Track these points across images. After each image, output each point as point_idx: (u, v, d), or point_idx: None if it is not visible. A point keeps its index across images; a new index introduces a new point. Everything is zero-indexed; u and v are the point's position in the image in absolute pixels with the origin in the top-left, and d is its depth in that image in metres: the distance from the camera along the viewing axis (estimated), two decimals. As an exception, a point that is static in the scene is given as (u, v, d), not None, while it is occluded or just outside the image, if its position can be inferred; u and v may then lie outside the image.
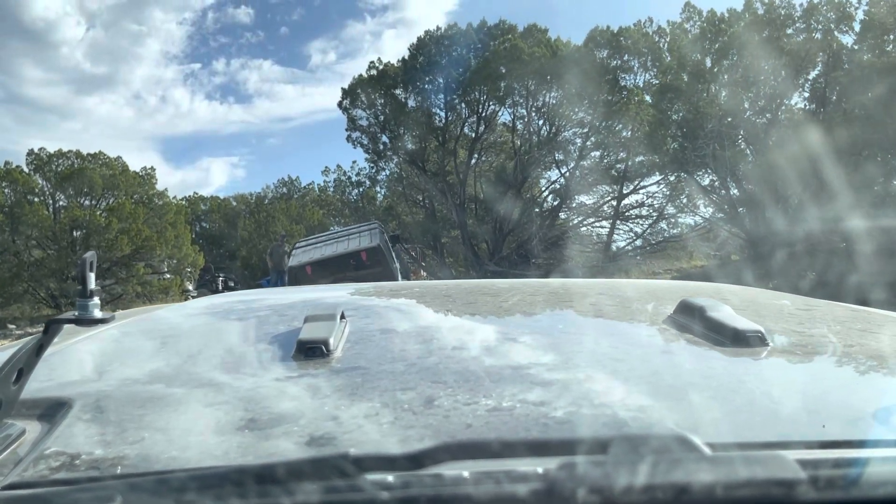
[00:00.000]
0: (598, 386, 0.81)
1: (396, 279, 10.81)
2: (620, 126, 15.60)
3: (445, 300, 1.43)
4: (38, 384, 0.83)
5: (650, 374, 0.86)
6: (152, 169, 22.41)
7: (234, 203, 40.03)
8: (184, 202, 39.30)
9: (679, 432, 0.53)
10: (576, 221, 17.87)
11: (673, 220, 16.52)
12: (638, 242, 15.94)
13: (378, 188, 22.17)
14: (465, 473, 0.49)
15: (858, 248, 9.11)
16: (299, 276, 10.98)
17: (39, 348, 0.74)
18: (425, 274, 21.75)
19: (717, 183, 12.40)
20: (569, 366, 0.90)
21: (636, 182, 16.68)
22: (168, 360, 1.01)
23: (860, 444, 0.66)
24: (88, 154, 21.70)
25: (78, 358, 1.06)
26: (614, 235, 16.73)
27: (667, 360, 0.93)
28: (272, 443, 0.66)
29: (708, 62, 12.41)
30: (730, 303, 1.14)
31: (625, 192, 16.82)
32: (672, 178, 15.21)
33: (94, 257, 0.80)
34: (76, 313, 0.76)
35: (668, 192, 16.12)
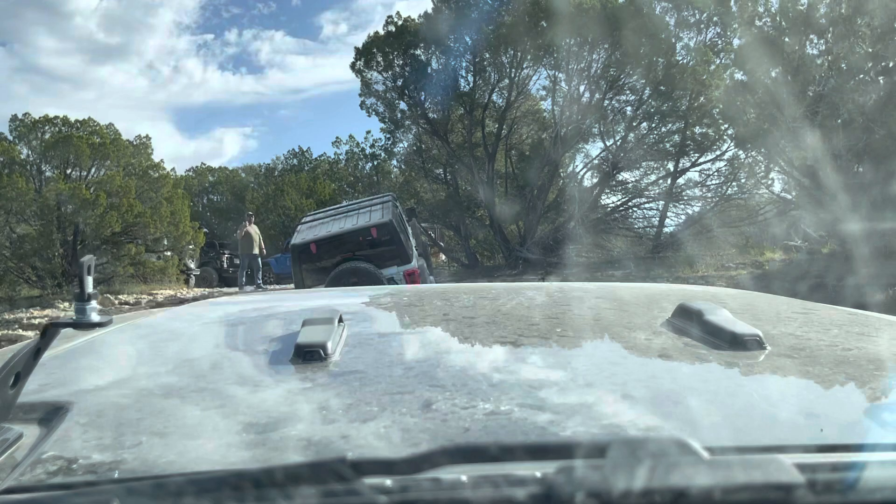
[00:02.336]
0: (596, 390, 0.81)
1: (410, 259, 9.77)
2: (681, 93, 13.31)
3: (443, 304, 1.40)
4: (36, 388, 0.83)
5: (648, 377, 0.87)
6: (147, 138, 20.44)
7: (243, 175, 38.85)
8: (191, 173, 38.30)
9: (677, 436, 0.54)
10: (622, 202, 15.66)
11: (742, 203, 14.29)
12: (696, 228, 13.70)
13: (394, 161, 20.03)
14: (464, 477, 0.49)
15: None
16: (303, 255, 10.03)
17: (37, 352, 0.73)
18: (444, 257, 19.91)
19: (810, 160, 10.24)
20: (567, 370, 0.90)
21: (695, 157, 14.45)
22: (165, 364, 1.02)
23: (858, 447, 0.66)
24: (77, 120, 19.68)
25: (75, 362, 1.05)
26: (667, 219, 14.51)
27: (665, 363, 0.92)
28: (270, 447, 0.66)
29: (816, 8, 10.17)
30: (727, 306, 1.14)
31: (681, 168, 14.58)
32: (748, 153, 12.96)
33: (91, 261, 0.78)
34: (74, 317, 0.75)
35: (735, 171, 13.88)
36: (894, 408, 0.78)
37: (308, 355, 0.92)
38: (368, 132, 21.12)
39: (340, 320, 1.09)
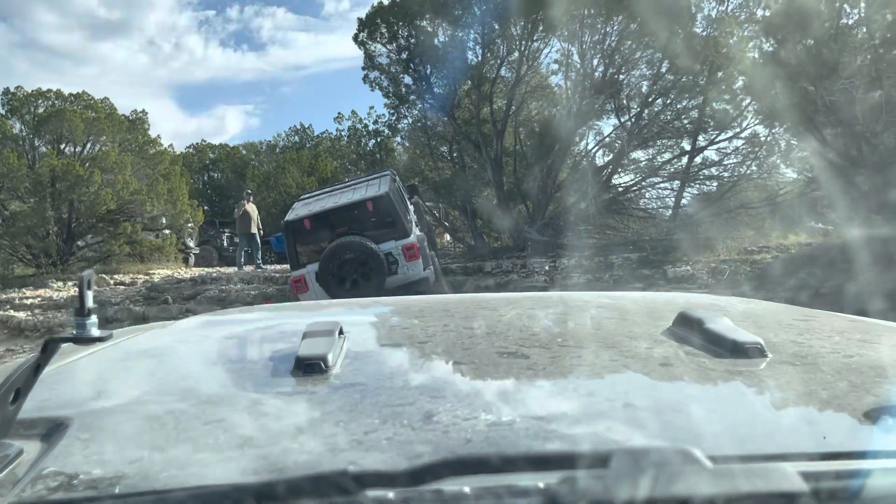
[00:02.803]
0: (598, 399, 0.81)
1: (408, 233, 9.37)
2: (700, 66, 12.64)
3: (443, 315, 1.40)
4: (36, 403, 0.82)
5: (650, 386, 0.86)
6: (144, 112, 19.80)
7: (244, 152, 38.48)
8: (191, 150, 37.79)
9: (680, 445, 0.54)
10: (635, 182, 15.03)
11: (761, 183, 13.67)
12: (713, 209, 13.10)
13: (398, 138, 19.40)
14: (466, 489, 0.49)
15: None
16: (297, 231, 9.71)
17: (37, 367, 0.73)
18: (450, 238, 19.37)
19: (843, 137, 9.62)
20: (568, 379, 0.91)
21: (714, 135, 13.80)
22: (166, 378, 1.03)
23: (861, 455, 0.65)
24: (70, 94, 19.06)
25: (76, 377, 1.05)
26: (683, 200, 13.89)
27: (666, 372, 0.92)
28: (271, 460, 0.65)
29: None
30: (728, 315, 1.14)
31: (698, 146, 13.94)
32: (772, 131, 12.32)
33: (91, 276, 0.77)
34: (74, 332, 0.76)
35: (756, 149, 13.25)
36: None
37: (309, 368, 0.92)
38: (371, 108, 20.50)
39: (341, 332, 1.09)
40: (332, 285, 8.89)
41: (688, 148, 14.51)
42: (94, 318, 0.77)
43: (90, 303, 0.77)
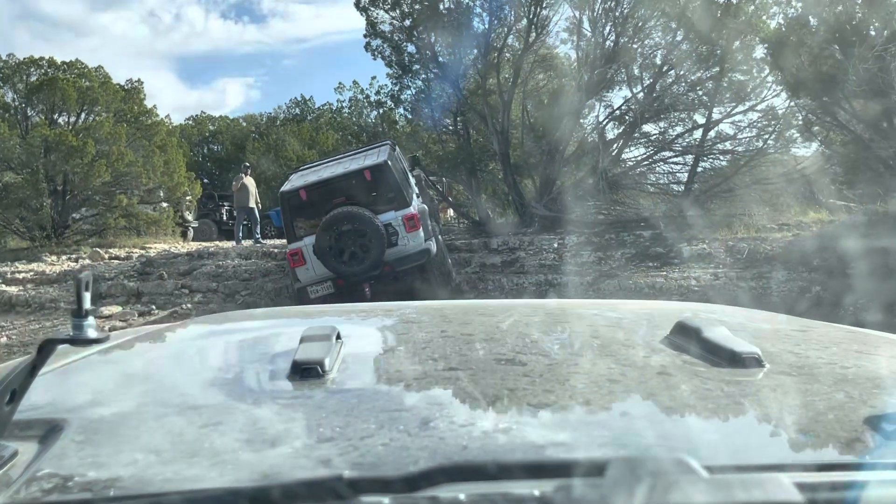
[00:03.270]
0: (595, 408, 0.81)
1: (409, 203, 8.98)
2: (718, 34, 12.04)
3: (441, 321, 1.40)
4: (32, 405, 0.82)
5: (647, 395, 0.86)
6: (139, 82, 19.23)
7: (244, 124, 38.06)
8: (190, 122, 37.30)
9: (676, 454, 0.54)
10: (647, 156, 14.50)
11: (778, 158, 13.14)
12: (728, 185, 12.59)
13: (401, 110, 18.84)
14: (462, 496, 0.49)
15: None
16: (293, 203, 9.29)
17: (33, 369, 0.73)
18: (453, 213, 18.89)
19: (874, 108, 9.09)
20: (565, 387, 0.90)
21: (731, 107, 13.24)
22: (163, 381, 1.03)
23: (857, 466, 0.65)
24: (63, 62, 18.48)
25: (72, 378, 1.05)
26: (696, 175, 13.35)
27: (663, 381, 0.92)
28: (267, 465, 0.66)
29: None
30: (726, 324, 1.13)
31: (714, 119, 13.39)
32: (794, 102, 11.75)
33: (89, 277, 0.78)
34: (71, 333, 0.75)
35: (774, 122, 12.70)
36: (893, 426, 0.75)
37: (305, 372, 0.91)
38: (374, 78, 19.86)
39: (338, 337, 1.08)
40: (330, 258, 8.59)
41: (702, 121, 13.96)
42: (91, 320, 0.76)
43: (87, 304, 0.76)
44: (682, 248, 9.97)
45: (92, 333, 0.75)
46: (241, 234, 15.68)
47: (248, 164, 17.09)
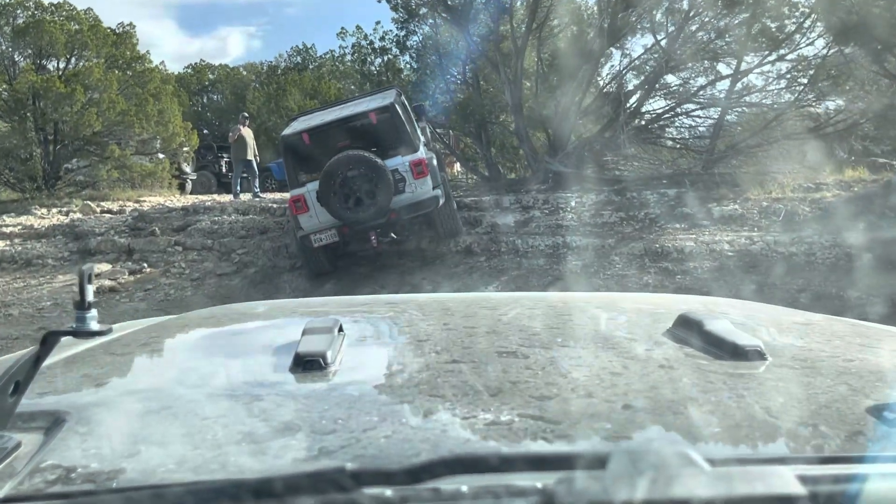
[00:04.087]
0: (597, 400, 0.81)
1: (416, 148, 8.64)
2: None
3: (444, 313, 1.41)
4: (35, 396, 0.85)
5: (649, 388, 0.86)
6: (131, 25, 18.24)
7: (245, 73, 37.15)
8: (189, 70, 36.29)
9: (678, 447, 0.56)
10: (670, 108, 13.61)
11: (809, 114, 12.28)
12: (756, 140, 11.75)
13: (406, 57, 17.87)
14: (464, 488, 0.50)
15: None
16: (295, 147, 8.89)
17: (36, 360, 0.74)
18: (460, 168, 18.09)
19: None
20: (567, 380, 0.91)
21: (763, 55, 12.30)
22: (165, 373, 1.05)
23: (860, 459, 0.66)
24: (51, 3, 17.48)
25: (75, 370, 1.05)
26: (723, 128, 12.49)
27: (665, 374, 0.92)
28: (269, 456, 0.66)
29: None
30: (728, 317, 1.16)
31: (743, 69, 12.47)
32: (840, 51, 10.83)
33: (91, 269, 0.79)
34: (73, 325, 0.76)
35: (808, 73, 11.80)
36: None
37: (308, 364, 0.92)
38: (378, 23, 18.76)
39: (340, 329, 1.09)
40: (334, 204, 8.16)
41: (729, 71, 13.04)
42: (93, 312, 0.76)
43: (90, 297, 0.76)
44: (710, 208, 9.22)
45: (94, 326, 0.76)
46: (238, 188, 14.97)
47: (246, 114, 16.28)
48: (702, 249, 8.02)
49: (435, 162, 9.07)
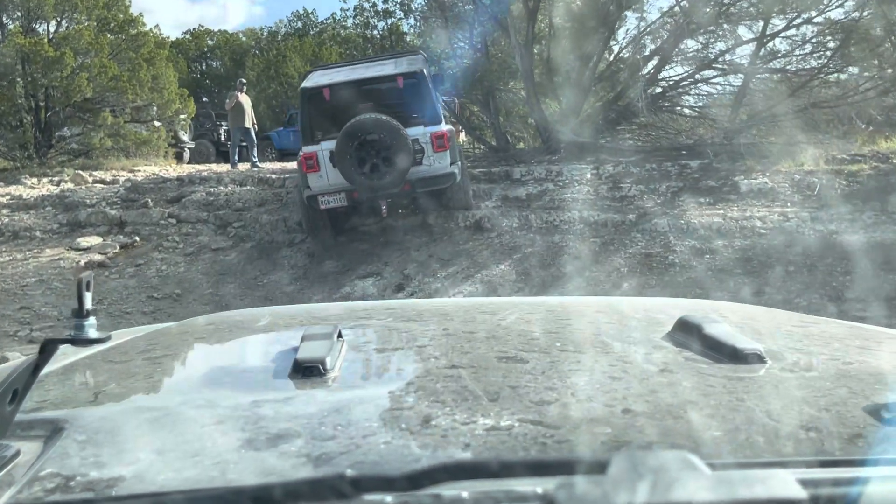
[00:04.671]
0: (597, 405, 0.82)
1: (440, 120, 8.34)
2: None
3: (443, 318, 1.42)
4: (34, 405, 0.84)
5: (648, 392, 0.86)
6: (124, -14, 17.46)
7: (244, 38, 36.44)
8: (187, 36, 35.49)
9: (678, 451, 0.54)
10: (690, 74, 12.90)
11: (836, 81, 11.59)
12: (781, 108, 11.08)
13: (412, 20, 17.12)
14: (464, 494, 0.49)
15: None
16: (314, 102, 8.42)
17: (35, 368, 0.74)
18: (465, 137, 17.43)
19: None
20: (567, 384, 0.91)
21: (790, 18, 11.57)
22: (164, 380, 1.04)
23: (860, 462, 0.66)
24: (38, -39, 16.68)
25: (73, 378, 1.05)
26: (747, 95, 11.80)
27: (665, 378, 0.92)
28: (269, 463, 0.66)
29: None
30: (727, 320, 1.16)
31: (769, 32, 11.74)
32: (868, 13, 10.11)
33: (90, 277, 0.79)
34: (72, 333, 0.76)
35: (839, 37, 11.08)
36: None
37: (307, 371, 0.91)
38: (382, -16, 17.94)
39: (339, 335, 1.08)
40: (349, 167, 7.75)
41: (753, 36, 12.31)
42: (92, 320, 0.77)
43: (89, 304, 0.76)
44: (738, 181, 8.61)
45: (93, 333, 0.76)
46: (236, 158, 14.40)
47: (243, 79, 15.61)
48: (731, 226, 7.44)
49: (455, 137, 8.69)
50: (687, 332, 1.07)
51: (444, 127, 8.24)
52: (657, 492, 0.46)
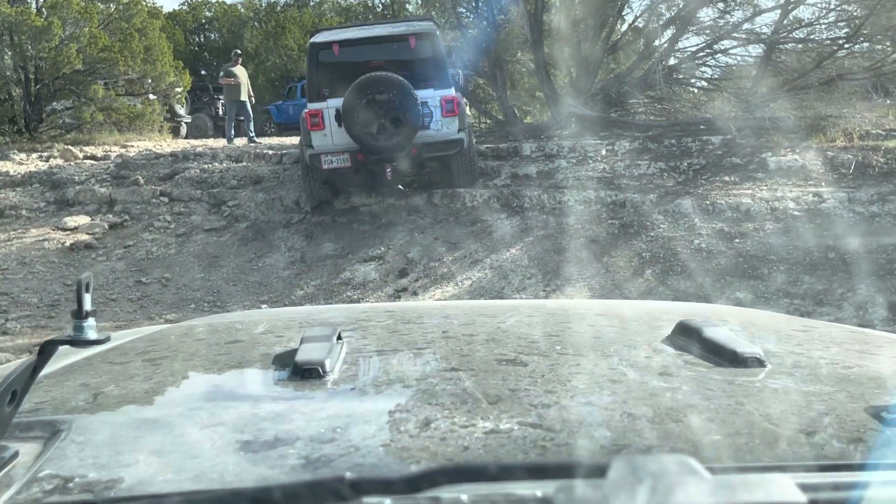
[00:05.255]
0: (597, 408, 0.82)
1: (450, 84, 8.22)
2: None
3: (442, 321, 1.42)
4: (32, 406, 0.85)
5: (648, 395, 0.86)
6: (115, -47, 16.76)
7: (243, 10, 35.73)
8: (184, 7, 34.71)
9: (678, 455, 0.54)
10: (707, 44, 12.25)
11: (870, 49, 10.95)
12: (806, 81, 10.46)
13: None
14: (463, 497, 0.50)
15: None
16: (323, 57, 8.21)
17: (34, 370, 0.74)
18: (471, 110, 16.81)
19: None
20: (567, 387, 0.91)
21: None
22: (163, 382, 1.04)
23: (860, 466, 0.66)
24: (24, -75, 15.99)
25: (73, 380, 1.04)
26: (770, 66, 11.16)
27: (665, 381, 0.91)
28: (268, 465, 0.66)
29: None
30: (728, 324, 1.16)
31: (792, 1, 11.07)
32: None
33: (90, 278, 0.78)
34: (72, 334, 0.77)
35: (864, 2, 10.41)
36: None
37: (306, 373, 0.91)
38: (383, -47, 17.25)
39: (339, 337, 1.09)
40: (356, 125, 7.54)
41: (771, 4, 11.66)
42: (91, 321, 0.77)
43: (88, 306, 0.76)
44: (765, 158, 8.03)
45: (92, 335, 0.77)
46: (233, 133, 13.83)
47: (238, 51, 14.99)
48: (762, 208, 6.89)
49: (464, 104, 8.52)
50: (687, 336, 1.07)
51: (454, 93, 8.05)
52: (657, 496, 0.46)
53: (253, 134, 13.92)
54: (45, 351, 0.72)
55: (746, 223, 6.73)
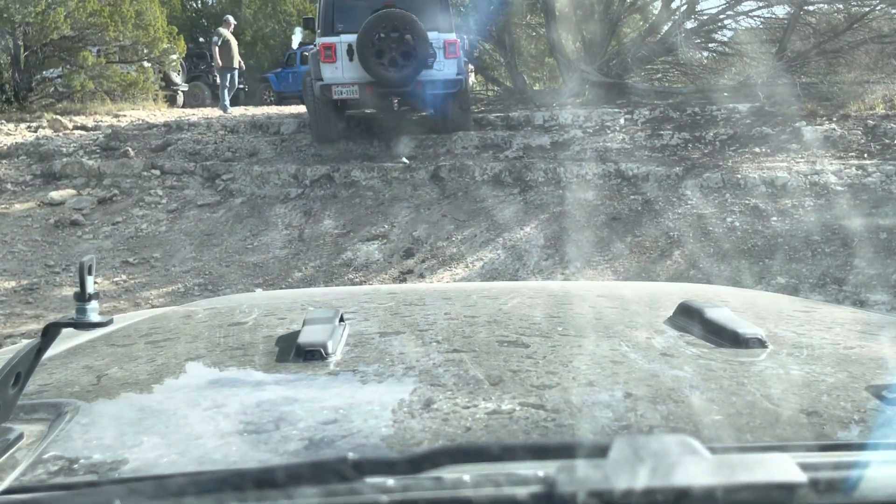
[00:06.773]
0: (598, 389, 0.82)
1: (452, 30, 8.79)
2: None
3: (444, 303, 1.42)
4: (36, 388, 0.85)
5: (650, 376, 0.87)
6: (103, -90, 15.95)
7: None
8: (180, -29, 33.70)
9: (679, 435, 0.54)
10: (728, 6, 11.52)
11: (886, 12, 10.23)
12: (837, 43, 9.79)
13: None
14: (465, 476, 0.50)
15: None
16: (330, 12, 8.73)
17: (38, 352, 0.74)
18: (476, 78, 16.13)
19: None
20: (568, 368, 0.91)
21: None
22: (167, 364, 1.04)
23: (861, 446, 0.66)
24: None
25: (76, 362, 1.05)
26: (796, 28, 10.47)
27: (666, 362, 0.93)
28: (271, 446, 0.66)
29: None
30: (729, 305, 1.16)
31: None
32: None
33: (92, 261, 0.78)
34: (74, 317, 0.76)
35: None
36: None
37: (309, 355, 0.92)
38: None
39: (341, 319, 1.10)
40: (369, 57, 8.15)
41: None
42: (94, 304, 0.77)
43: (90, 288, 0.76)
44: (799, 127, 7.44)
45: (95, 317, 0.77)
46: (227, 101, 13.22)
47: (228, 16, 14.33)
48: (799, 182, 6.32)
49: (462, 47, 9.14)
50: (688, 317, 1.07)
51: (456, 36, 8.71)
52: (658, 475, 0.46)
53: (227, 102, 13.37)
54: (49, 333, 0.73)
55: (783, 199, 6.16)
